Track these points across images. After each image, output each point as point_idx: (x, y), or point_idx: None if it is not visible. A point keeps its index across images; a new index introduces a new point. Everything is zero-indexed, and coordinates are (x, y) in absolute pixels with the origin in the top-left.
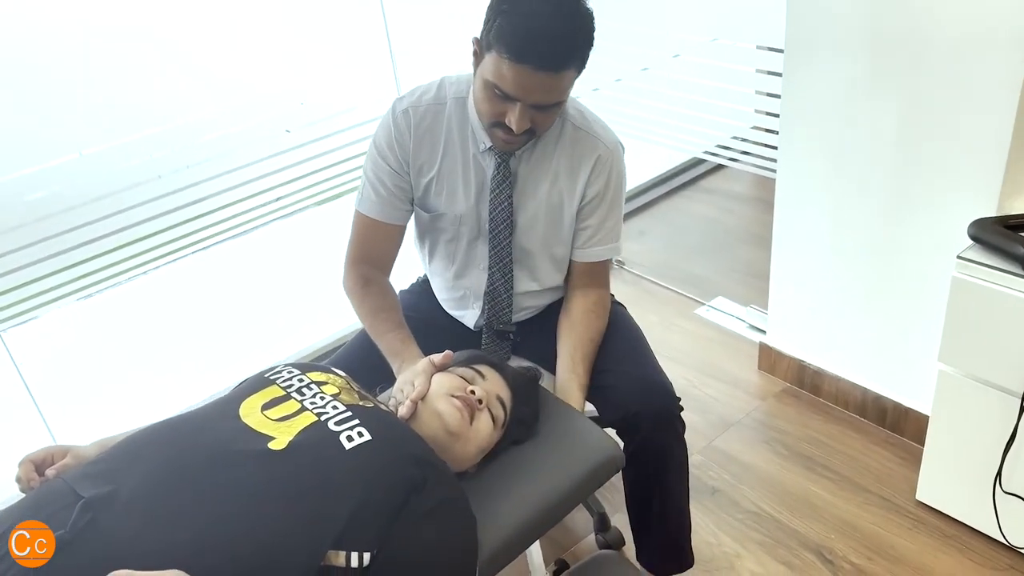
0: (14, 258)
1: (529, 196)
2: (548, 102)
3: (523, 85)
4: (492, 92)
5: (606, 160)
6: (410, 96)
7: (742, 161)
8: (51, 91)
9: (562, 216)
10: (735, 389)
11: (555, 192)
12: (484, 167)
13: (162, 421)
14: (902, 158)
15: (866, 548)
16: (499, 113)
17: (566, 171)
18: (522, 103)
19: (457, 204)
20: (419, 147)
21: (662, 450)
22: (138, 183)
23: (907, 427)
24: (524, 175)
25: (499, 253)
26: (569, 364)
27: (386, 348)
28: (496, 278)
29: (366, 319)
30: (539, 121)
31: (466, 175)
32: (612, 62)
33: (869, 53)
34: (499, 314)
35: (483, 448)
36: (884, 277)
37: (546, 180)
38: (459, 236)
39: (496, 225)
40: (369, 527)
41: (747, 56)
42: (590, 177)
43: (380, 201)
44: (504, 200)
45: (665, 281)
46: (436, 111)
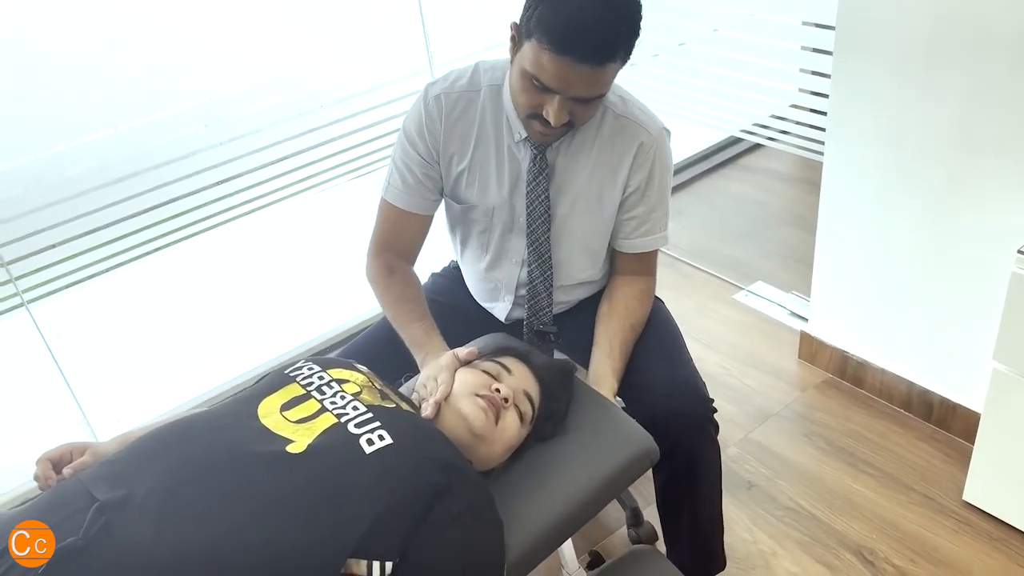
0: (52, 234)
1: (567, 189)
2: (589, 95)
3: (564, 78)
4: (530, 83)
5: (649, 148)
6: (443, 81)
7: (785, 141)
8: (86, 67)
9: (602, 209)
10: (774, 379)
11: (594, 184)
12: (519, 159)
13: (180, 419)
14: (960, 144)
15: (909, 550)
16: (536, 105)
17: (607, 162)
18: (561, 96)
19: (490, 196)
20: (450, 135)
21: (693, 453)
22: (171, 159)
23: (954, 423)
24: (562, 167)
25: (537, 249)
26: (606, 348)
27: (409, 339)
28: (535, 275)
29: (389, 308)
30: (578, 114)
31: (500, 166)
32: (649, 36)
33: (928, 34)
34: (539, 313)
35: (510, 447)
36: (935, 267)
37: (585, 172)
38: (492, 228)
39: (534, 220)
40: (390, 535)
41: (791, 32)
42: (632, 167)
43: (407, 190)
44: (541, 194)
45: (702, 264)
46: (470, 98)
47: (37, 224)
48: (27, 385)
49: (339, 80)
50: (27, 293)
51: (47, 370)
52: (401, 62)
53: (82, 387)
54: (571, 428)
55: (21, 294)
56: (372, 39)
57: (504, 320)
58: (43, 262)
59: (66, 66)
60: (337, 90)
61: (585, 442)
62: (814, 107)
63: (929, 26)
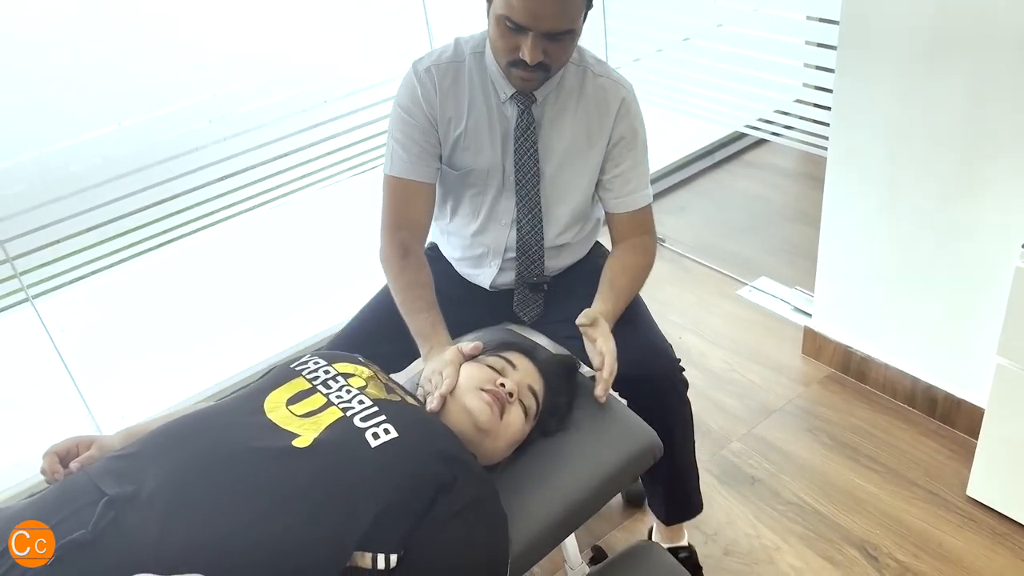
0: (56, 229)
1: (554, 144)
2: (559, 29)
3: (532, 12)
4: (504, 26)
5: (630, 103)
6: (429, 56)
7: (788, 136)
8: (90, 63)
9: (587, 164)
10: (777, 374)
11: (580, 138)
12: (508, 117)
13: (187, 414)
14: (965, 139)
15: (912, 545)
16: (513, 48)
17: (592, 116)
18: (534, 32)
19: (483, 158)
20: (445, 103)
21: (665, 411)
22: (175, 155)
23: (959, 419)
24: (548, 123)
25: (528, 203)
26: (602, 292)
27: (416, 328)
28: (526, 230)
29: (399, 293)
30: (552, 53)
31: (492, 127)
32: (653, 32)
33: (932, 28)
34: (532, 266)
35: (514, 442)
36: (940, 263)
37: (570, 127)
38: (485, 191)
39: (523, 175)
40: (396, 528)
41: (795, 27)
42: (616, 117)
43: (411, 159)
44: (529, 148)
45: (706, 259)
46: (456, 67)
47: (42, 219)
48: (32, 380)
49: (344, 75)
50: (32, 288)
51: (52, 365)
52: (405, 57)
53: (86, 381)
54: (575, 423)
55: (26, 289)
56: (376, 34)
57: (489, 287)
58: (48, 257)
59: (70, 62)
60: (342, 85)
61: (588, 437)
62: (818, 102)
63: (933, 20)
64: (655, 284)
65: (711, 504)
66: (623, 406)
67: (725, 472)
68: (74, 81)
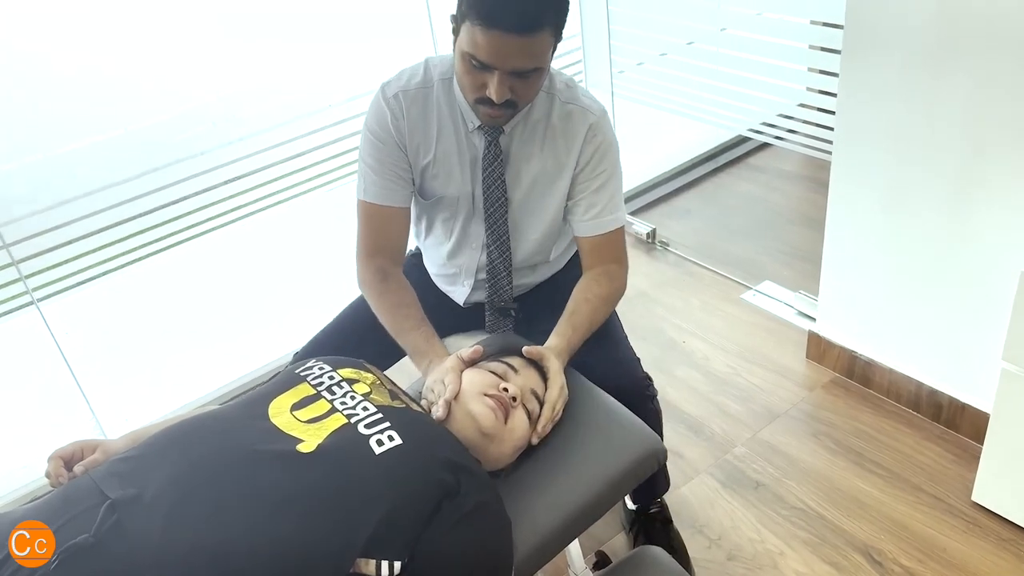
0: (61, 232)
1: (522, 173)
2: (525, 68)
3: (497, 51)
4: (470, 64)
5: (597, 128)
6: (398, 80)
7: (793, 140)
8: (95, 68)
9: (555, 191)
10: (781, 378)
11: (548, 166)
12: (476, 146)
13: (191, 418)
14: (970, 143)
15: (917, 550)
16: (480, 85)
17: (561, 142)
18: (500, 71)
19: (453, 185)
20: (414, 130)
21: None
22: (180, 159)
23: (963, 424)
24: (516, 153)
25: (496, 231)
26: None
27: (411, 347)
28: (495, 256)
29: (386, 315)
30: (519, 90)
31: (461, 156)
32: (657, 36)
33: (937, 32)
34: (500, 292)
35: (519, 447)
36: (944, 267)
37: (538, 156)
38: (456, 215)
39: (491, 204)
40: (399, 535)
41: (799, 31)
42: (583, 143)
43: (383, 183)
44: (497, 179)
45: (709, 263)
46: (425, 94)
47: (46, 223)
48: (36, 383)
49: (347, 79)
50: (37, 291)
51: (56, 368)
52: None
53: (91, 384)
54: (578, 429)
55: (31, 292)
56: (381, 39)
57: (463, 304)
58: (53, 260)
59: (75, 66)
60: (345, 89)
61: (592, 442)
62: (822, 106)
63: (938, 24)
64: (659, 288)
65: (715, 508)
66: (625, 411)
67: (729, 477)
68: (80, 85)
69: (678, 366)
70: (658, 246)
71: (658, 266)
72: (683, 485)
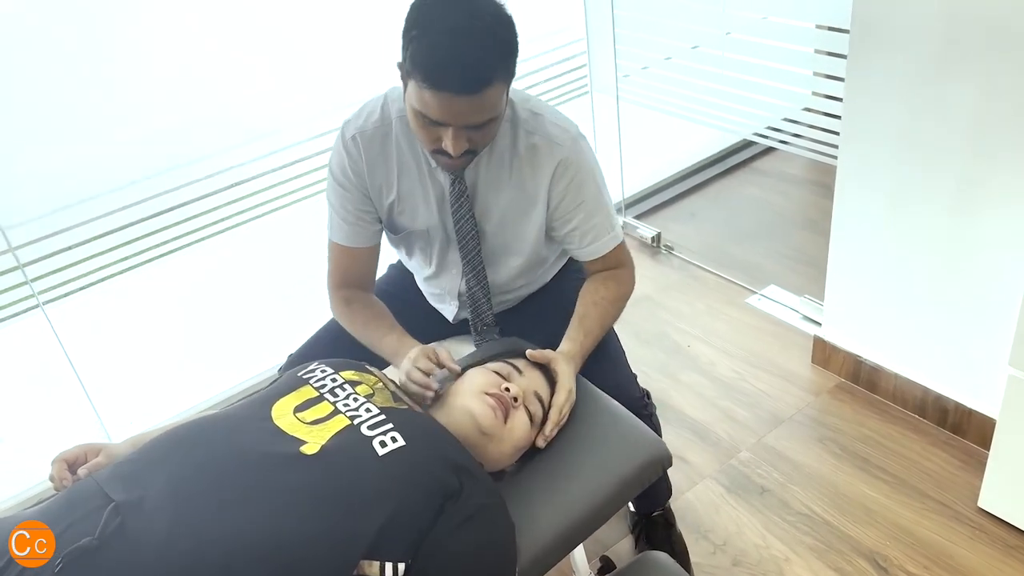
0: (67, 236)
1: (492, 206)
2: (479, 122)
3: (448, 110)
4: (422, 120)
5: (567, 164)
6: (356, 120)
7: (798, 145)
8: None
9: (529, 224)
10: (786, 383)
11: (518, 202)
12: (441, 183)
13: (194, 420)
14: (976, 147)
15: (923, 557)
16: (435, 139)
17: (527, 181)
18: (453, 127)
19: (421, 220)
20: (373, 171)
21: None
22: (187, 162)
23: (970, 429)
24: (483, 188)
25: (471, 262)
26: (570, 333)
27: (387, 351)
28: (472, 284)
29: (360, 331)
30: (477, 140)
31: (425, 192)
32: (662, 40)
33: (943, 36)
34: (481, 315)
35: (519, 448)
36: (951, 272)
37: (506, 191)
38: (431, 244)
39: (463, 237)
40: (403, 536)
41: (804, 35)
42: (551, 183)
43: (349, 228)
44: (466, 214)
45: (714, 267)
46: (384, 133)
47: (53, 226)
48: (41, 385)
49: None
50: (43, 295)
51: (62, 370)
52: None
53: (96, 387)
54: (583, 433)
55: (37, 295)
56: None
57: (452, 320)
58: (58, 264)
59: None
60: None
61: (597, 447)
62: (827, 110)
63: (944, 28)
64: (664, 292)
65: (719, 514)
66: (630, 416)
67: (734, 482)
68: (85, 90)
69: (683, 371)
70: (663, 250)
71: (663, 270)
72: (688, 490)
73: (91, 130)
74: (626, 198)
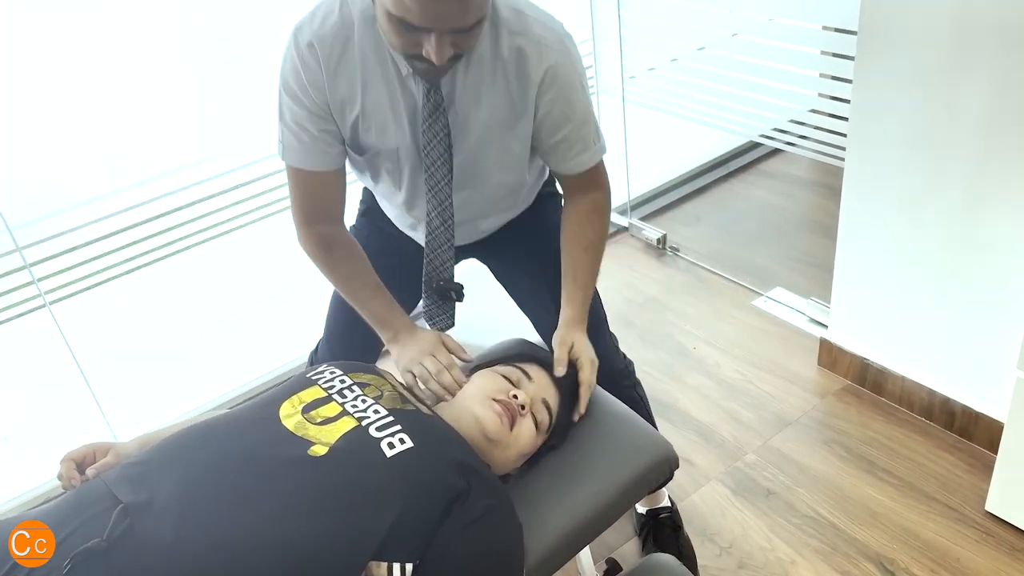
0: (73, 236)
1: (472, 119)
2: (467, 25)
3: (432, 14)
4: (400, 26)
5: (556, 68)
6: (311, 23)
7: (804, 146)
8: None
9: (515, 139)
10: (792, 386)
11: (502, 113)
12: (413, 93)
13: (202, 422)
14: (985, 148)
15: (930, 560)
16: (414, 45)
17: (515, 83)
18: (437, 31)
19: (389, 138)
20: (335, 83)
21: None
22: (194, 162)
23: (977, 433)
24: (461, 96)
25: (437, 195)
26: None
27: (372, 316)
28: (435, 224)
29: (341, 286)
30: (463, 44)
31: (395, 105)
32: (668, 41)
33: (951, 39)
34: (439, 268)
35: (524, 454)
36: (959, 275)
37: (489, 102)
38: (400, 167)
39: (432, 162)
40: (411, 537)
41: (811, 36)
42: (540, 90)
43: (306, 149)
44: (439, 132)
45: (720, 269)
46: (345, 37)
47: (60, 226)
48: (47, 384)
49: None
50: (49, 294)
51: (67, 370)
52: None
53: (101, 387)
54: (590, 434)
55: (43, 295)
56: None
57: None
58: (65, 264)
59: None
60: None
61: (604, 449)
62: (834, 112)
63: (952, 31)
64: (670, 294)
65: (725, 516)
66: (638, 417)
67: (739, 484)
68: (92, 88)
69: (689, 372)
70: (669, 252)
71: (669, 272)
72: (693, 492)
73: (98, 129)
74: (632, 199)
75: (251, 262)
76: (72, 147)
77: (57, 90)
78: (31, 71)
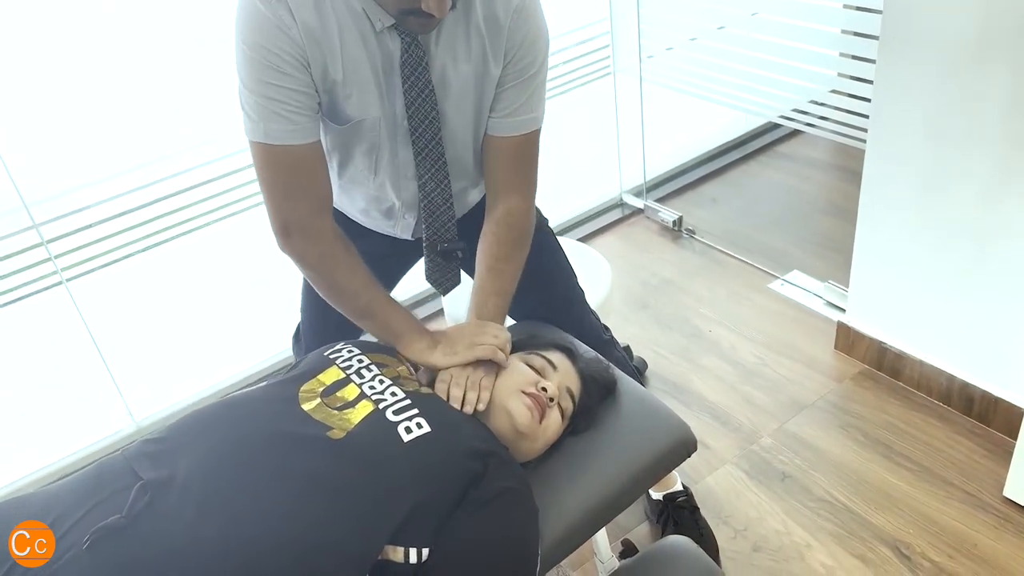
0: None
1: (450, 76)
2: None
3: None
4: None
5: (524, 8)
6: None
7: (824, 128)
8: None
9: (487, 89)
10: (809, 369)
11: (479, 59)
12: (390, 49)
13: (223, 400)
14: (1008, 133)
15: (947, 545)
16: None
17: (486, 33)
18: None
19: (371, 105)
20: (311, 42)
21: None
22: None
23: (996, 418)
24: (441, 51)
25: (428, 155)
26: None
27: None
28: (430, 187)
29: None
30: None
31: (373, 66)
32: (687, 20)
33: (979, 20)
34: (441, 231)
35: (550, 442)
36: (979, 260)
37: (465, 49)
38: (380, 143)
39: (418, 122)
40: (428, 522)
41: (832, 15)
42: (509, 29)
43: (293, 124)
44: (423, 88)
45: (737, 252)
46: None
47: (76, 204)
48: (64, 360)
49: None
50: (66, 271)
51: (84, 347)
52: None
53: (117, 364)
54: (607, 417)
55: (60, 272)
56: None
57: (411, 237)
58: (82, 241)
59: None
60: None
61: (621, 431)
62: (855, 92)
63: (980, 12)
64: (686, 276)
65: (740, 499)
66: (655, 399)
67: (755, 467)
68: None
69: (704, 355)
70: (684, 234)
71: (685, 254)
72: (708, 475)
73: (116, 107)
74: (647, 181)
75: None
76: (89, 125)
77: (74, 69)
78: (49, 51)
